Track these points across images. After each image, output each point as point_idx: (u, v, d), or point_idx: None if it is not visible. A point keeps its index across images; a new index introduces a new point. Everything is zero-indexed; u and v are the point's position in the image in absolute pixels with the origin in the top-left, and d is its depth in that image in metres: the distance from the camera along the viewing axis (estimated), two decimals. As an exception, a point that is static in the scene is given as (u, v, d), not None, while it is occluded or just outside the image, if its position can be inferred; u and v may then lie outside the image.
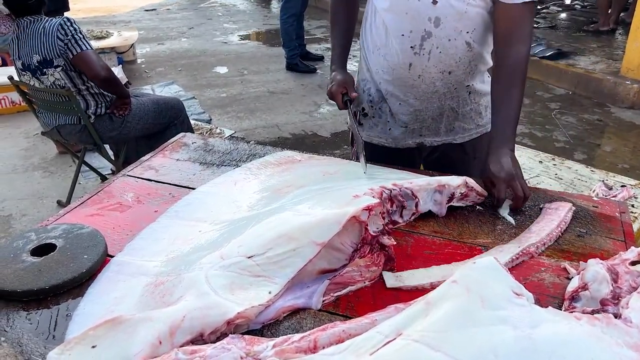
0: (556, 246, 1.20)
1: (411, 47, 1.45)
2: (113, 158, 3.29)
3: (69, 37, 2.75)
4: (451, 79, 1.51)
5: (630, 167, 3.76)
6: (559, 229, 1.24)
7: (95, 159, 3.65)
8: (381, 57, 1.53)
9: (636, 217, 2.31)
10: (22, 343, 0.92)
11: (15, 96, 4.45)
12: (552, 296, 1.04)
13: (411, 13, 1.41)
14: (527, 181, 2.56)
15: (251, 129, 4.57)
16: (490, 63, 1.58)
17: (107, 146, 3.24)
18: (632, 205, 2.40)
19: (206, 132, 4.29)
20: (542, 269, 1.12)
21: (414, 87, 1.53)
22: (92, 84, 2.89)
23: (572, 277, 1.06)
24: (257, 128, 4.59)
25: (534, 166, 2.76)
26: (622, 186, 2.52)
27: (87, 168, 3.40)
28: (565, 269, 1.12)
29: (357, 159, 1.46)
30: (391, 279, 1.09)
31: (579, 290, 0.99)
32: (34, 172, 3.78)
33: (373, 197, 1.15)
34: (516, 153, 1.54)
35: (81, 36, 2.79)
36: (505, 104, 1.38)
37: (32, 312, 1.00)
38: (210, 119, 4.72)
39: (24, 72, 2.89)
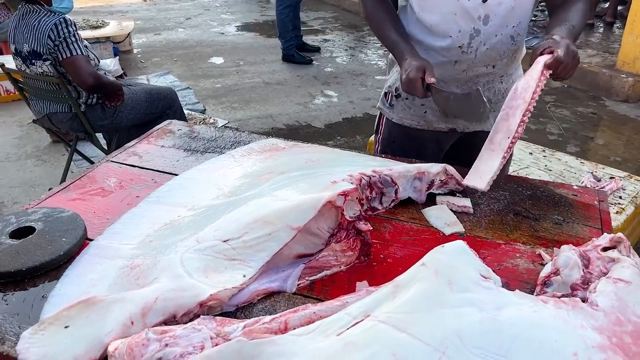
0: (533, 233, 1.21)
1: (459, 46, 1.45)
2: (106, 147, 3.28)
3: (60, 39, 2.67)
4: (494, 72, 1.53)
5: (623, 160, 3.77)
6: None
7: (88, 148, 3.64)
8: (423, 50, 1.50)
9: (623, 209, 2.32)
10: (-3, 323, 0.93)
11: (10, 85, 4.41)
12: (525, 282, 1.05)
13: (460, 14, 1.41)
14: (516, 172, 2.57)
15: (245, 119, 4.57)
16: (524, 52, 1.61)
17: (99, 135, 3.23)
18: (620, 197, 2.41)
19: (199, 122, 4.28)
20: (517, 255, 1.13)
21: (458, 81, 1.53)
22: None
23: (547, 264, 1.07)
24: (251, 119, 4.58)
25: (524, 157, 2.76)
26: (610, 178, 2.52)
27: (80, 157, 3.40)
28: (540, 256, 1.13)
29: None
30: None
31: (551, 275, 1.00)
32: (27, 160, 3.78)
33: (351, 183, 1.16)
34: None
35: (74, 39, 2.70)
36: (583, 19, 1.40)
37: (9, 293, 1.01)
38: (205, 109, 4.71)
39: (16, 57, 2.88)
